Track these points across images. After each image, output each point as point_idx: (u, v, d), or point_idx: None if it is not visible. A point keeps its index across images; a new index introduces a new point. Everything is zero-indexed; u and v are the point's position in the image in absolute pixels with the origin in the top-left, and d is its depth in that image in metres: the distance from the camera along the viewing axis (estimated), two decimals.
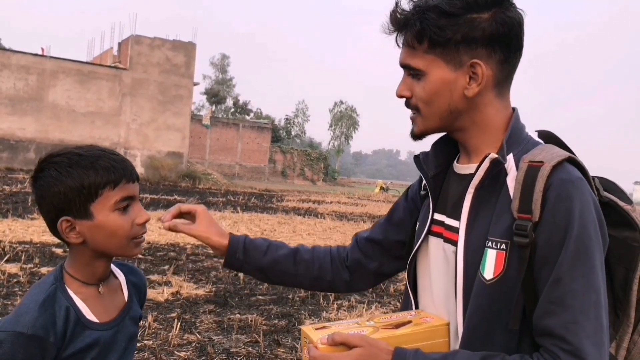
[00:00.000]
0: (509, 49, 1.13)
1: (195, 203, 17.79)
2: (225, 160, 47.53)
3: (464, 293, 1.12)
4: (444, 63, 1.13)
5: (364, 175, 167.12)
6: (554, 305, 1.01)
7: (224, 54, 67.50)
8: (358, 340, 1.08)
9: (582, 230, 1.02)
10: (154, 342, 4.66)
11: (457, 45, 1.11)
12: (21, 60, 30.12)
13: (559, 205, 1.03)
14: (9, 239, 8.66)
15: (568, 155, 1.08)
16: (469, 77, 1.13)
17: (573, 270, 1.01)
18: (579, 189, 1.04)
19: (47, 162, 1.26)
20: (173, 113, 33.40)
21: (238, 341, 4.87)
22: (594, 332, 0.99)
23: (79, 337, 1.24)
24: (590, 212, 1.03)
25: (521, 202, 1.05)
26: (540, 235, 1.04)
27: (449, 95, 1.15)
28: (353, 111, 74.34)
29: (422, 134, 1.22)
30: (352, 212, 20.62)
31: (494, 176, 1.13)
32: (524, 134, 1.18)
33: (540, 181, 1.04)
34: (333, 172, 61.33)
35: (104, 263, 1.32)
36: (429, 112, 1.18)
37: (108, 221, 1.25)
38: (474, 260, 1.11)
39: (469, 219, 1.15)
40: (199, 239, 1.44)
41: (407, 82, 1.19)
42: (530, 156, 1.08)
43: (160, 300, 5.95)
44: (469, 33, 1.10)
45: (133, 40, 32.66)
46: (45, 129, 30.12)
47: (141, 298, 1.46)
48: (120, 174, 1.26)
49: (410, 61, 1.16)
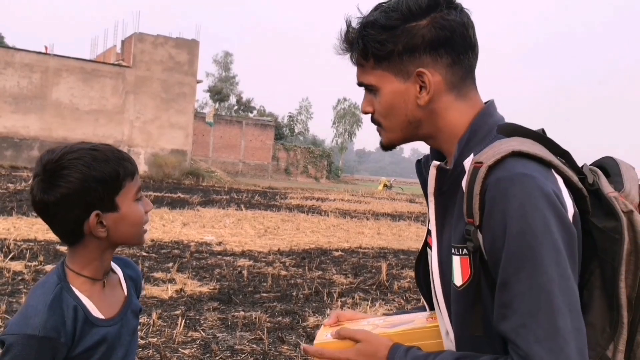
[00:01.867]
0: (455, 50, 1.12)
1: (200, 200, 17.71)
2: (228, 158, 47.58)
3: (445, 298, 1.12)
4: (393, 76, 1.14)
5: (368, 172, 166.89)
6: (505, 309, 0.98)
7: (227, 52, 67.72)
8: (361, 335, 1.14)
9: (523, 228, 0.96)
10: (159, 339, 4.66)
11: (401, 57, 1.11)
12: (25, 58, 30.20)
13: (495, 207, 0.99)
14: (13, 237, 8.68)
15: (512, 149, 1.01)
16: (419, 86, 1.13)
17: (518, 272, 0.96)
18: (517, 185, 0.98)
19: (64, 160, 1.24)
20: (176, 111, 33.46)
21: (242, 338, 4.87)
22: (545, 336, 0.93)
23: (88, 334, 1.25)
24: (532, 208, 0.97)
25: (467, 205, 1.03)
26: (485, 240, 1.01)
27: (404, 106, 1.15)
28: (357, 108, 74.27)
29: (389, 146, 1.23)
30: (356, 209, 20.61)
31: (454, 180, 1.11)
32: (492, 132, 1.13)
33: (477, 183, 1.01)
34: (336, 170, 61.33)
35: (111, 255, 1.35)
36: (389, 125, 1.19)
37: (131, 211, 1.30)
38: (447, 266, 1.10)
39: (437, 226, 1.16)
40: None
41: (368, 98, 1.20)
42: (477, 156, 1.05)
43: (164, 298, 5.96)
44: (409, 42, 1.10)
45: (136, 38, 32.70)
46: (49, 127, 30.20)
47: (137, 290, 1.47)
48: (134, 165, 1.33)
49: (362, 79, 1.18)
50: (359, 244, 11.08)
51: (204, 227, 11.70)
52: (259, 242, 10.34)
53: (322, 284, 7.16)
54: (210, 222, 12.71)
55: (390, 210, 21.60)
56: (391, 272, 8.27)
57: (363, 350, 1.13)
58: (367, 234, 12.87)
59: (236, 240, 10.27)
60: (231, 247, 9.50)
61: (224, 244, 9.76)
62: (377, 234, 13.24)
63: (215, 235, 10.58)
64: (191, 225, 11.77)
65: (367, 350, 1.12)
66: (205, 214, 14.33)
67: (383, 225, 15.36)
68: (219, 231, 11.30)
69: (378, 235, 12.88)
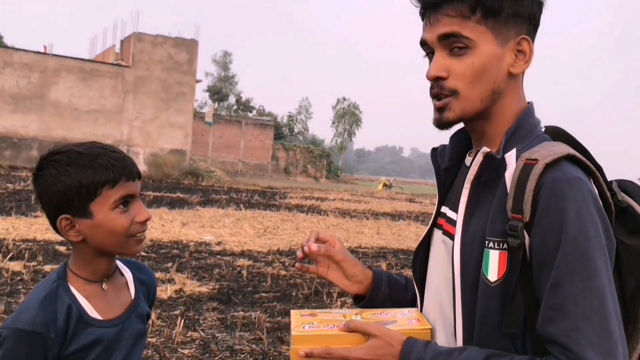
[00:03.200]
0: (535, 31, 1.13)
1: (199, 200, 17.65)
2: (228, 158, 47.54)
3: (462, 291, 1.10)
4: (494, 37, 1.08)
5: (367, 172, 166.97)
6: (554, 312, 0.97)
7: (226, 51, 67.58)
8: (373, 329, 1.08)
9: (580, 231, 0.97)
10: (158, 339, 4.65)
11: (507, 19, 1.09)
12: (24, 58, 30.14)
13: (552, 206, 0.98)
14: (12, 237, 8.68)
15: (567, 152, 1.02)
16: (514, 54, 1.11)
17: (572, 274, 0.96)
18: (574, 188, 0.99)
19: (48, 160, 1.26)
20: (176, 110, 33.41)
21: (242, 338, 4.86)
22: (598, 339, 0.94)
23: (82, 334, 1.24)
24: (588, 212, 0.98)
25: (514, 201, 1.01)
26: (534, 238, 1.00)
27: (496, 72, 1.09)
28: (356, 108, 74.28)
29: (457, 120, 1.12)
30: (355, 209, 20.59)
31: (493, 170, 1.09)
32: (535, 130, 1.14)
33: (531, 180, 0.99)
34: (336, 169, 61.30)
35: (106, 260, 1.32)
36: (471, 92, 1.09)
37: (107, 220, 1.24)
38: (470, 257, 1.09)
39: (465, 214, 1.12)
40: (344, 267, 1.38)
41: (442, 61, 1.09)
42: (528, 153, 1.04)
43: (163, 298, 5.95)
44: (520, 8, 1.09)
45: (135, 37, 32.66)
46: (48, 126, 30.16)
47: (150, 296, 1.46)
48: (119, 172, 1.25)
49: (461, 30, 1.07)
50: (358, 244, 11.07)
51: (203, 227, 11.68)
52: (258, 241, 10.33)
53: (322, 284, 7.15)
54: (210, 221, 12.69)
55: (390, 209, 21.59)
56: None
57: (376, 346, 1.07)
58: (366, 234, 12.85)
59: (235, 240, 10.25)
60: (230, 247, 9.49)
61: (223, 244, 9.75)
62: (377, 233, 13.23)
63: (214, 235, 10.57)
64: (190, 225, 11.76)
65: (381, 346, 1.07)
66: (204, 213, 14.32)
67: (383, 224, 15.35)
68: (218, 231, 11.28)
69: (378, 235, 12.87)
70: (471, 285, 1.09)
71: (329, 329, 1.13)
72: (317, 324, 1.15)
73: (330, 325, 1.14)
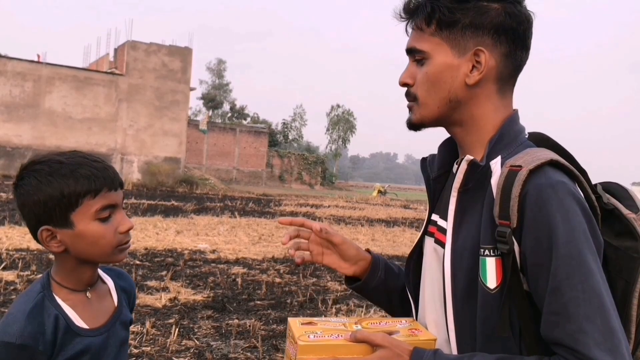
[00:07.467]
0: (515, 43, 1.12)
1: (194, 208, 17.57)
2: (222, 165, 47.49)
3: (453, 299, 1.11)
4: (449, 47, 1.12)
5: (362, 178, 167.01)
6: (557, 316, 0.98)
7: (220, 59, 67.56)
8: (381, 340, 1.06)
9: (569, 234, 0.99)
10: (152, 348, 4.63)
11: (464, 30, 1.11)
12: (17, 66, 30.09)
13: (539, 211, 1.00)
14: (5, 247, 8.63)
15: (550, 158, 1.04)
16: (472, 65, 1.12)
17: (569, 278, 0.98)
18: (559, 193, 1.00)
19: (28, 169, 1.25)
20: (170, 118, 33.40)
21: (236, 346, 4.85)
22: (603, 337, 0.96)
23: (70, 344, 1.23)
24: (575, 214, 1.00)
25: (501, 208, 1.03)
26: (524, 245, 1.02)
27: (450, 81, 1.13)
28: (350, 115, 74.47)
29: (419, 124, 1.19)
30: (350, 215, 20.60)
31: (479, 178, 1.11)
32: (519, 137, 1.15)
33: (516, 186, 1.01)
34: (331, 176, 61.32)
35: (89, 269, 1.31)
36: (428, 99, 1.15)
37: (89, 230, 1.23)
38: (461, 265, 1.10)
39: (455, 222, 1.14)
40: (342, 249, 1.38)
41: (410, 69, 1.18)
42: (512, 160, 1.06)
43: (158, 306, 5.92)
44: (477, 18, 1.10)
45: (129, 45, 32.67)
46: (42, 135, 30.08)
47: (131, 302, 1.45)
48: (101, 182, 1.24)
49: (416, 44, 1.15)
50: None
51: (198, 235, 11.65)
52: (253, 249, 10.31)
53: (317, 291, 7.14)
54: (204, 229, 12.66)
55: (385, 216, 21.60)
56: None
57: (385, 357, 1.06)
58: (361, 240, 12.84)
59: (230, 248, 10.23)
60: (225, 255, 9.46)
61: (217, 252, 9.72)
62: (372, 240, 13.24)
63: (209, 243, 10.54)
64: (185, 233, 11.73)
65: (389, 356, 1.06)
66: (199, 221, 14.28)
67: (377, 231, 15.36)
68: (212, 239, 11.25)
69: (372, 242, 12.87)
70: (462, 293, 1.10)
71: (334, 339, 1.10)
72: (321, 332, 1.12)
73: (335, 334, 1.11)
